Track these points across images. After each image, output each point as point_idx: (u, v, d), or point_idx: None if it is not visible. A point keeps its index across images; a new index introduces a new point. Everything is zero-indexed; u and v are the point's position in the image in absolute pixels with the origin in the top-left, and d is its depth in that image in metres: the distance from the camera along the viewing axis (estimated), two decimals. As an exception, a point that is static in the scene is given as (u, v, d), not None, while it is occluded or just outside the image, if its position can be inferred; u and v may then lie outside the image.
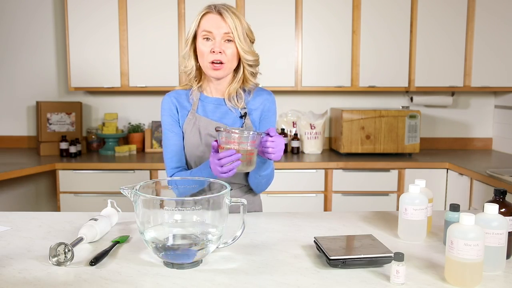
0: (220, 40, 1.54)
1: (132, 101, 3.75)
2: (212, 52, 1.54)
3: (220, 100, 1.67)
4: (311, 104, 3.77)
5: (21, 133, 3.79)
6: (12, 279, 1.10)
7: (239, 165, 1.39)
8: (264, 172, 1.58)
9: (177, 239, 1.20)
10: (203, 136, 1.63)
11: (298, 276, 1.14)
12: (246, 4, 3.30)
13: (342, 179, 3.20)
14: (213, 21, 1.54)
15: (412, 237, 1.39)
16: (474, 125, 3.82)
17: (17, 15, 3.67)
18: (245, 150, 1.38)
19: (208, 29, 1.54)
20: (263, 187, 1.68)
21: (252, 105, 1.67)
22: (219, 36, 1.54)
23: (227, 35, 1.54)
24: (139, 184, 1.22)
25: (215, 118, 1.65)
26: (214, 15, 1.55)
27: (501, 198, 1.25)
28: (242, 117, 1.65)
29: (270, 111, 1.69)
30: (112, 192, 3.14)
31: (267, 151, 1.43)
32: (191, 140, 1.63)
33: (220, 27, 1.53)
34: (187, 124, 1.64)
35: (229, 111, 1.65)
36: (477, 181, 2.85)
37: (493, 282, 1.11)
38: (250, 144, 1.38)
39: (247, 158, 1.39)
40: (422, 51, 3.41)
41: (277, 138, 1.43)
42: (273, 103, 1.70)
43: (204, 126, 1.63)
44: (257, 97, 1.68)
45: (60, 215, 1.64)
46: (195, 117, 1.64)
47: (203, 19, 1.56)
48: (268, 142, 1.42)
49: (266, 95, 1.69)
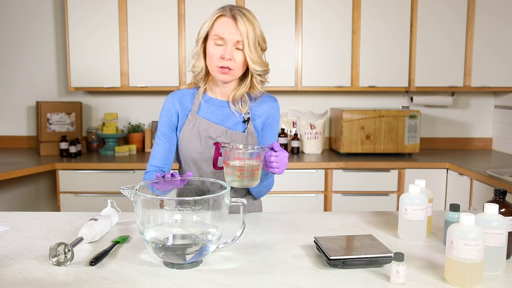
0: (232, 47, 1.52)
1: (132, 101, 3.75)
2: (222, 58, 1.52)
3: (224, 103, 1.65)
4: (311, 104, 3.77)
5: (21, 133, 3.79)
6: (12, 279, 1.10)
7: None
8: (265, 182, 1.62)
9: (177, 239, 1.20)
10: (202, 138, 1.62)
11: (298, 276, 1.14)
12: (246, 4, 3.30)
13: (342, 179, 3.20)
14: (226, 27, 1.52)
15: (412, 237, 1.39)
16: (474, 125, 3.82)
17: (17, 15, 3.67)
18: (250, 165, 1.38)
19: (220, 35, 1.52)
20: (263, 194, 1.71)
21: (256, 111, 1.65)
22: (231, 43, 1.52)
23: (238, 44, 1.52)
24: (139, 184, 1.22)
25: (216, 120, 1.63)
26: (228, 19, 1.52)
27: (501, 198, 1.25)
28: (245, 122, 1.63)
29: (274, 119, 1.68)
30: (112, 192, 3.14)
31: (271, 166, 1.45)
32: (190, 141, 1.62)
33: (232, 34, 1.51)
34: (186, 125, 1.63)
35: (232, 114, 1.64)
36: (477, 181, 2.85)
37: (493, 282, 1.11)
38: (255, 160, 1.38)
39: (252, 174, 1.39)
40: (422, 51, 3.41)
41: (281, 153, 1.44)
42: (278, 110, 1.70)
43: (204, 128, 1.62)
44: (263, 104, 1.66)
45: (60, 215, 1.64)
46: (195, 118, 1.63)
47: (217, 21, 1.54)
48: (272, 157, 1.43)
49: (272, 102, 1.68)
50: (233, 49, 1.53)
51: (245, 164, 1.37)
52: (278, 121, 1.71)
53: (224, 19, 1.53)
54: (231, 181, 1.40)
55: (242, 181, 1.39)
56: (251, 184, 1.42)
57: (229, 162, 1.38)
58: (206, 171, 1.63)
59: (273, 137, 1.69)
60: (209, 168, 1.62)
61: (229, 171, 1.39)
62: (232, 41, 1.52)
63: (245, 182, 1.40)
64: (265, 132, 1.68)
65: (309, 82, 3.43)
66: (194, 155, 1.62)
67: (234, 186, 1.40)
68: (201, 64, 1.60)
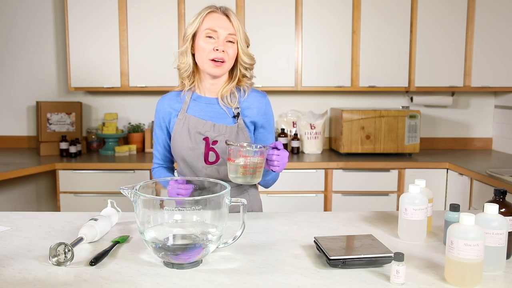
0: (223, 40, 1.57)
1: (132, 101, 3.75)
2: (215, 50, 1.56)
3: (213, 100, 1.67)
4: (311, 104, 3.77)
5: (21, 133, 3.79)
6: (12, 279, 1.10)
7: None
8: (268, 177, 1.69)
9: (177, 239, 1.20)
10: (192, 134, 1.63)
11: (298, 276, 1.14)
12: (246, 4, 3.30)
13: (342, 179, 3.20)
14: (219, 21, 1.58)
15: (412, 237, 1.39)
16: (474, 125, 3.82)
17: (17, 15, 3.67)
18: (254, 163, 1.44)
19: (213, 28, 1.57)
20: (270, 185, 1.76)
21: (244, 105, 1.67)
22: (223, 36, 1.57)
23: (231, 36, 1.58)
24: (139, 184, 1.22)
25: (206, 117, 1.65)
26: (220, 15, 1.59)
27: (501, 198, 1.25)
28: (235, 117, 1.65)
29: (268, 114, 1.70)
30: (112, 192, 3.14)
31: (272, 164, 1.51)
32: (180, 138, 1.65)
33: (226, 27, 1.57)
34: (177, 125, 1.66)
35: (222, 111, 1.65)
36: (477, 181, 2.85)
37: (493, 282, 1.11)
38: (258, 158, 1.45)
39: (255, 171, 1.46)
40: (422, 51, 3.41)
41: (283, 152, 1.51)
42: (269, 105, 1.71)
43: (194, 125, 1.64)
44: (251, 99, 1.67)
45: (60, 215, 1.64)
46: (185, 116, 1.66)
47: (208, 17, 1.59)
48: (274, 156, 1.50)
49: (260, 97, 1.68)
50: (225, 42, 1.58)
51: (249, 162, 1.44)
52: (272, 116, 1.73)
53: (216, 15, 1.59)
54: (234, 177, 1.47)
55: (245, 178, 1.46)
56: (253, 181, 1.48)
57: (234, 159, 1.45)
58: (197, 167, 1.66)
59: (271, 134, 1.73)
60: (201, 164, 1.64)
61: (233, 168, 1.46)
62: (225, 34, 1.57)
63: (248, 179, 1.47)
64: (263, 130, 1.70)
65: (309, 82, 3.43)
66: (185, 151, 1.65)
67: (238, 182, 1.48)
68: (189, 61, 1.63)
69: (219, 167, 1.64)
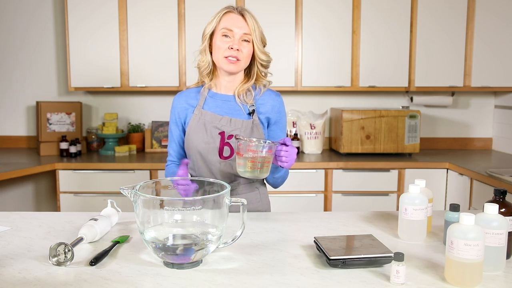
0: (239, 39, 1.62)
1: (132, 101, 3.75)
2: (230, 49, 1.61)
3: (229, 97, 1.72)
4: (311, 104, 3.77)
5: (21, 133, 3.79)
6: (12, 279, 1.10)
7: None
8: (277, 174, 1.71)
9: (177, 239, 1.20)
10: (208, 129, 1.67)
11: (298, 276, 1.14)
12: (246, 4, 3.30)
13: (342, 179, 3.20)
14: (235, 21, 1.63)
15: (412, 237, 1.39)
16: (474, 125, 3.82)
17: (17, 15, 3.67)
18: (262, 157, 1.47)
19: (229, 27, 1.62)
20: (279, 184, 1.80)
21: (260, 104, 1.71)
22: (238, 35, 1.62)
23: (246, 36, 1.64)
24: (139, 184, 1.22)
25: (222, 113, 1.69)
26: (236, 15, 1.65)
27: (501, 198, 1.25)
28: (250, 114, 1.69)
29: (281, 113, 1.74)
30: (112, 192, 3.14)
31: (280, 160, 1.54)
32: (196, 133, 1.68)
33: (241, 27, 1.63)
34: (193, 120, 1.70)
35: (238, 107, 1.70)
36: (477, 181, 2.85)
37: (493, 282, 1.11)
38: (266, 153, 1.47)
39: (263, 166, 1.49)
40: (422, 51, 3.41)
41: (291, 149, 1.54)
42: (282, 104, 1.76)
43: (210, 120, 1.68)
44: (266, 97, 1.72)
45: (60, 215, 1.64)
46: (201, 112, 1.70)
47: (225, 17, 1.65)
48: (282, 152, 1.53)
49: (275, 95, 1.74)
50: (240, 42, 1.63)
51: (257, 156, 1.46)
52: (285, 114, 1.78)
53: (232, 15, 1.65)
54: (243, 171, 1.50)
55: (253, 172, 1.49)
56: (261, 176, 1.51)
57: (243, 153, 1.47)
58: (211, 161, 1.68)
59: (282, 132, 1.76)
60: (215, 157, 1.67)
61: (242, 162, 1.49)
62: (240, 34, 1.62)
63: (256, 173, 1.49)
64: (275, 127, 1.74)
65: (309, 82, 3.43)
66: (201, 145, 1.68)
67: (246, 176, 1.51)
68: (208, 59, 1.69)
69: (233, 162, 1.66)
